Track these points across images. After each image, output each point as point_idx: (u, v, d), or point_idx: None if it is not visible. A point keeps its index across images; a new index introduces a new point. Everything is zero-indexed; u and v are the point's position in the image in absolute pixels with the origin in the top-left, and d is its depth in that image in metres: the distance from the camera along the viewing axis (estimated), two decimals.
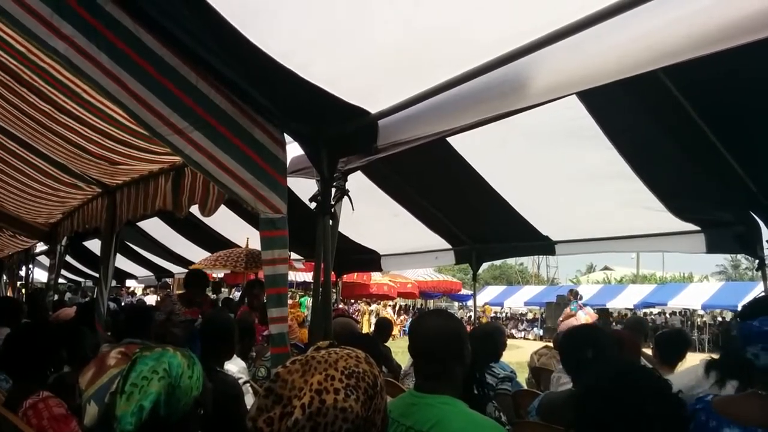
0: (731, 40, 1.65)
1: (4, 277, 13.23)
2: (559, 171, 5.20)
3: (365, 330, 22.09)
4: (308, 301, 20.32)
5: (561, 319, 13.41)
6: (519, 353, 14.28)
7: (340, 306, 14.99)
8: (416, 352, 2.25)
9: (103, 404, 1.77)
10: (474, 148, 4.87)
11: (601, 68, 2.05)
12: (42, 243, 10.74)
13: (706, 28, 1.68)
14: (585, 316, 13.48)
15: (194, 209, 4.89)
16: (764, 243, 5.08)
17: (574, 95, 3.63)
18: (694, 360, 3.56)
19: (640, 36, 1.88)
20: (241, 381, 4.24)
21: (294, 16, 2.66)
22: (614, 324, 24.89)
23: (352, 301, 29.01)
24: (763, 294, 4.82)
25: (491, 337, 4.76)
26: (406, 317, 33.15)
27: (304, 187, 4.06)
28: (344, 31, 2.67)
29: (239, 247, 9.92)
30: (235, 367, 4.33)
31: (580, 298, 15.19)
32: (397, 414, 2.12)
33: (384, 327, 8.19)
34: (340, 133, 3.31)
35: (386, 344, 7.52)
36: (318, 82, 2.91)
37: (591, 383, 2.02)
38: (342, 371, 1.60)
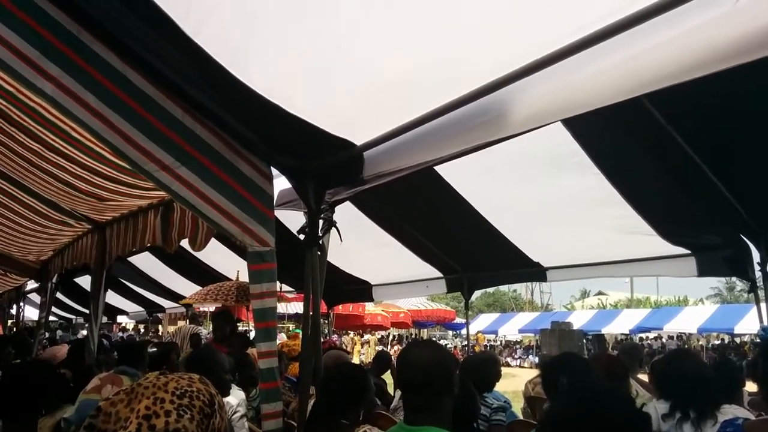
0: (715, 65, 1.66)
1: None
2: (548, 197, 5.22)
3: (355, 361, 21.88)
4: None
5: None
6: (515, 382, 14.18)
7: (334, 338, 14.91)
8: (404, 384, 2.23)
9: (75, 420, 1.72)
10: (462, 176, 4.90)
11: (584, 96, 2.05)
12: (33, 281, 10.64)
13: (688, 54, 1.70)
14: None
15: (184, 243, 4.87)
16: (755, 265, 5.09)
17: (559, 122, 3.66)
18: None
19: (621, 63, 1.89)
20: (236, 415, 4.12)
21: (277, 49, 2.68)
22: (611, 350, 24.72)
23: (345, 332, 28.79)
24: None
25: (484, 366, 4.73)
26: (399, 347, 32.90)
27: (294, 219, 4.06)
28: (327, 63, 2.69)
29: (230, 280, 9.87)
30: (234, 399, 4.18)
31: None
32: None
33: (382, 360, 8.07)
34: (326, 166, 3.33)
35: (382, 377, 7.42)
36: (303, 115, 2.93)
37: (556, 410, 1.97)
38: (173, 392, 1.49)
